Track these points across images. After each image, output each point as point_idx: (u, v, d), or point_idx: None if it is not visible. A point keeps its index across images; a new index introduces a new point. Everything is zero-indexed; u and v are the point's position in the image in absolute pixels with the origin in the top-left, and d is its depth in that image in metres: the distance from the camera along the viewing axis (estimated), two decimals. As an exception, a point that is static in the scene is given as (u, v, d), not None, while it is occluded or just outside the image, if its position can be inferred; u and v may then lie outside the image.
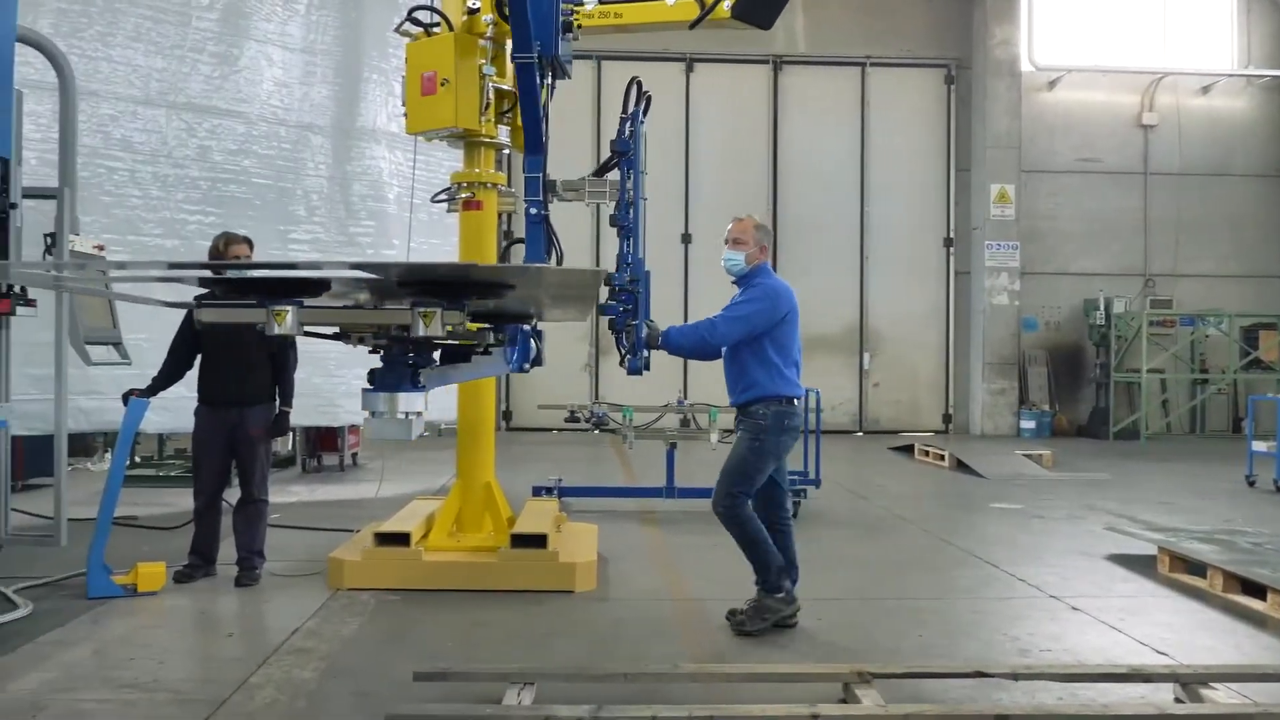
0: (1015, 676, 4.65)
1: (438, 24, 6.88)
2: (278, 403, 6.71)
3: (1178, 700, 4.47)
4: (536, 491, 9.18)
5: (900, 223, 19.37)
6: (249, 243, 6.77)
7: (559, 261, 5.39)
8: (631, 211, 5.92)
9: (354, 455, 13.00)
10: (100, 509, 6.29)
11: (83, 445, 12.16)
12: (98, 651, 5.23)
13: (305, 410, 10.31)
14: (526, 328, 5.16)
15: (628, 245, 5.90)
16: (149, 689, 4.64)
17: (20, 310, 5.30)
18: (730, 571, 6.24)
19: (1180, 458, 15.41)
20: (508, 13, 5.28)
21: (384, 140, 11.27)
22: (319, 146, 10.90)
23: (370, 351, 3.73)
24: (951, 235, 19.45)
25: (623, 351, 5.76)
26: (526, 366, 5.25)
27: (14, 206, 5.50)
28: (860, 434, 18.97)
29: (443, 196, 7.13)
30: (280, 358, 6.63)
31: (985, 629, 5.88)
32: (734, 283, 5.94)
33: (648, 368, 5.91)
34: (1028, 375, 19.25)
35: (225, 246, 6.67)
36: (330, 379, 10.45)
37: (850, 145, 19.34)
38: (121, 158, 9.76)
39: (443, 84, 6.70)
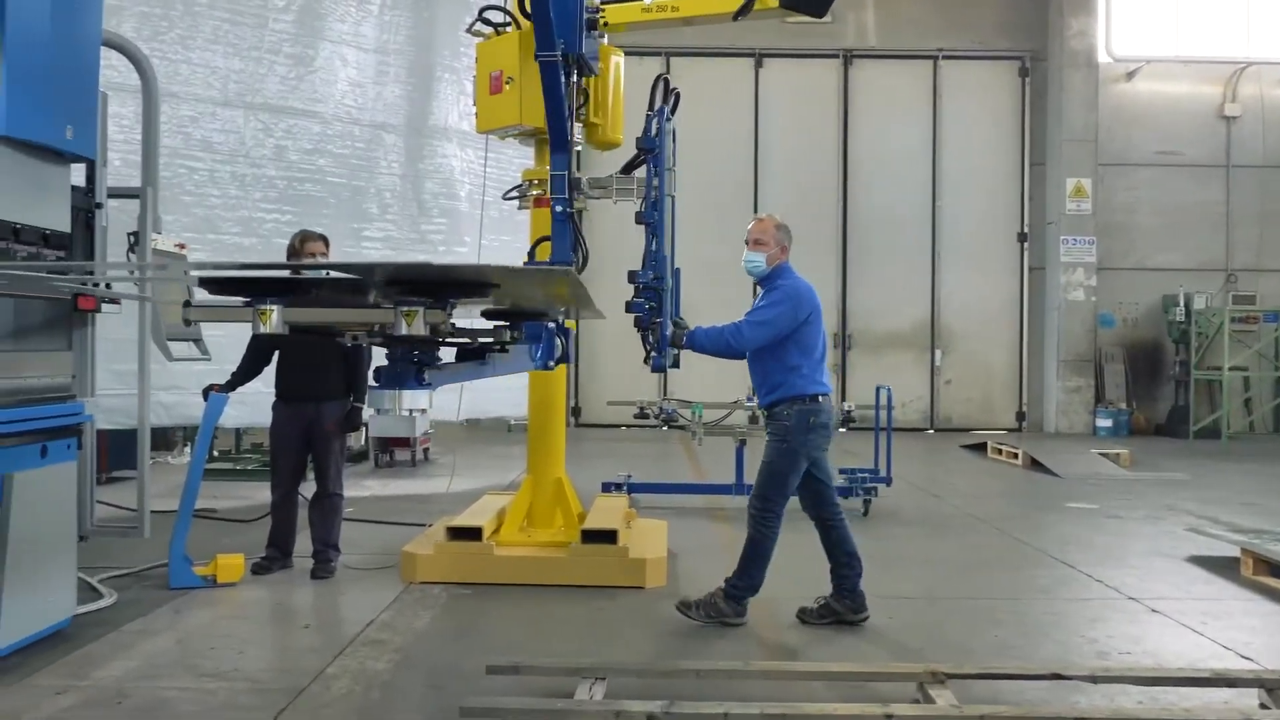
0: (1094, 679, 4.57)
1: (509, 23, 6.94)
2: (351, 399, 6.81)
3: (1263, 706, 4.36)
4: (606, 488, 9.21)
5: (973, 218, 19.09)
6: (324, 240, 6.88)
7: (584, 259, 5.40)
8: (659, 209, 5.83)
9: (425, 451, 13.14)
10: (181, 502, 6.44)
11: (163, 439, 12.43)
12: (179, 641, 5.35)
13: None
14: (550, 325, 5.18)
15: (655, 243, 5.83)
16: (229, 678, 4.74)
17: (105, 308, 5.42)
18: (801, 569, 6.20)
19: (1263, 458, 15.00)
20: (530, 10, 5.25)
21: (455, 138, 11.39)
22: (392, 145, 11.05)
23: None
24: (1026, 230, 19.12)
25: (648, 349, 5.75)
26: (551, 364, 5.27)
27: (100, 206, 5.63)
28: (931, 432, 18.74)
29: (513, 194, 7.18)
30: (353, 355, 6.72)
31: (1062, 630, 5.78)
32: (756, 283, 5.92)
33: (676, 365, 5.89)
34: (1104, 373, 18.86)
35: (301, 244, 6.80)
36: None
37: (922, 139, 19.10)
38: (201, 158, 9.98)
39: (508, 82, 6.80)
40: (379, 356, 7.34)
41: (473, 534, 6.63)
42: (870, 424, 10.39)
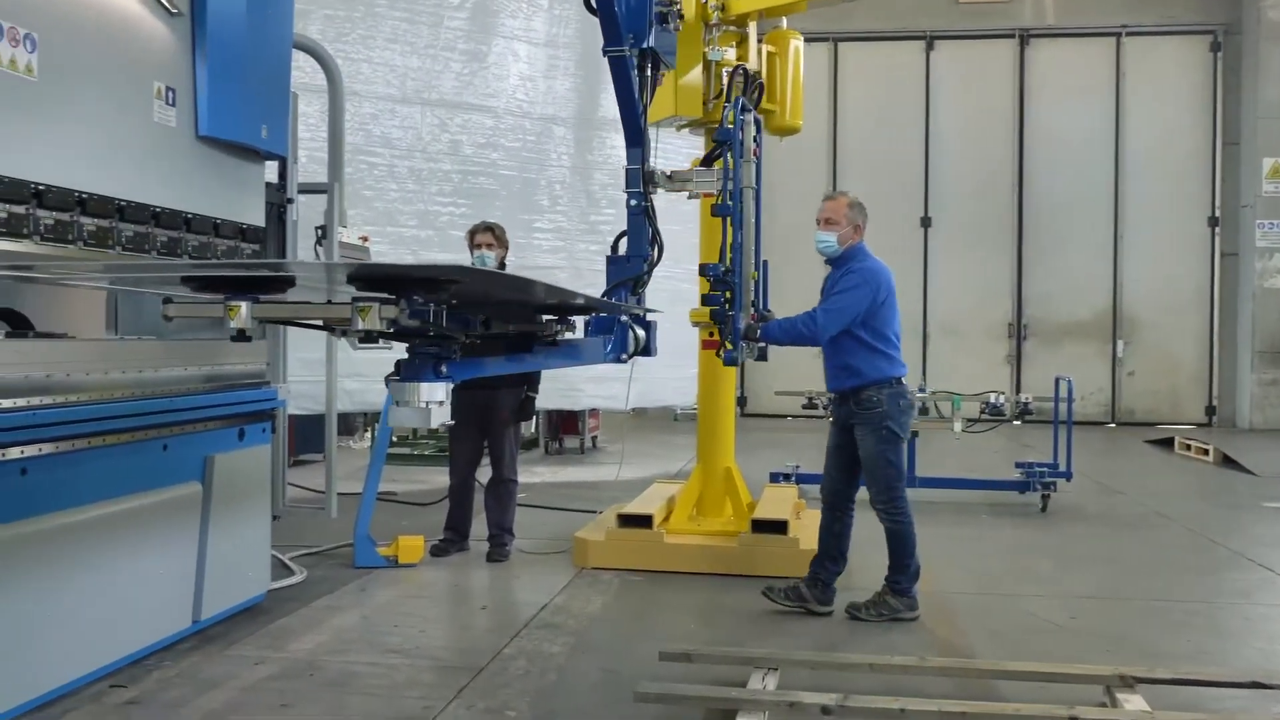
0: (1300, 688, 4.30)
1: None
2: (524, 388, 6.95)
3: None
4: (774, 478, 9.16)
5: (1158, 201, 18.16)
6: (492, 230, 7.02)
7: (660, 253, 5.39)
8: (736, 200, 5.64)
9: (593, 438, 13.34)
10: (365, 485, 6.71)
11: (345, 425, 12.96)
12: (365, 618, 5.57)
13: (548, 394, 10.64)
14: (624, 318, 5.13)
15: (736, 235, 5.64)
16: (411, 655, 4.91)
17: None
18: (975, 564, 6.05)
19: None
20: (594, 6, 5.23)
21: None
22: (561, 138, 11.23)
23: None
24: (1217, 214, 18.09)
25: (723, 342, 5.63)
26: (624, 358, 5.23)
27: (291, 201, 5.91)
28: (1112, 425, 17.95)
29: (683, 183, 7.18)
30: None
31: (1261, 636, 5.47)
32: (827, 263, 5.77)
33: (764, 358, 5.78)
34: (1304, 364, 17.73)
35: (470, 236, 7.02)
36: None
37: (1103, 120, 18.26)
38: (381, 153, 10.35)
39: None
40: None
41: (643, 521, 6.68)
42: (1047, 417, 10.04)
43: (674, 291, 7.82)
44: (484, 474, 7.12)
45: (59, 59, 4.00)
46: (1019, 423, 11.79)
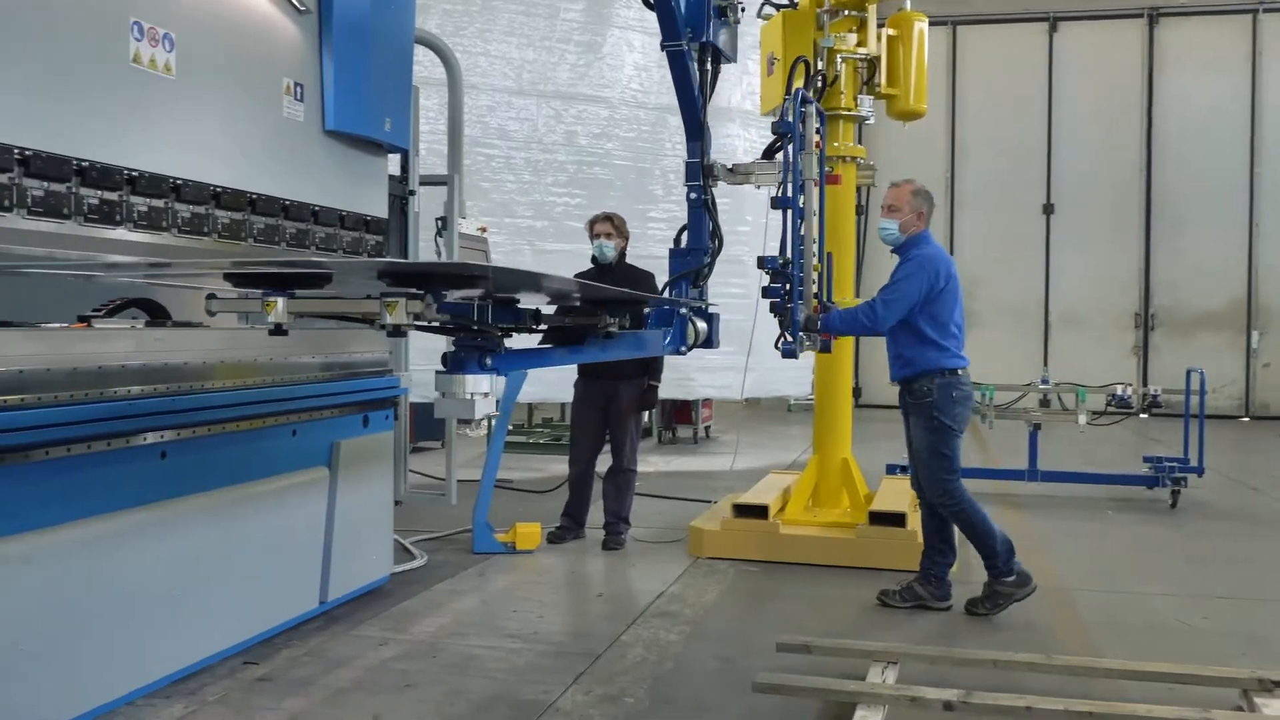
0: None
1: (792, 4, 6.93)
2: (646, 378, 6.98)
3: None
4: (890, 470, 9.03)
5: (1297, 185, 17.36)
6: (611, 220, 7.05)
7: (719, 246, 5.38)
8: (802, 192, 5.63)
9: (707, 428, 13.33)
10: (484, 472, 6.82)
11: (463, 413, 13.16)
12: (484, 602, 5.67)
13: (663, 384, 10.67)
14: (684, 311, 5.14)
15: (800, 225, 5.61)
16: (530, 640, 4.98)
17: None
18: (1099, 560, 5.88)
19: None
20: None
21: (738, 118, 11.42)
22: (676, 127, 11.11)
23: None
24: (1361, 197, 17.23)
25: (782, 333, 5.59)
26: (683, 349, 5.22)
27: (413, 193, 6.03)
28: (1246, 419, 17.23)
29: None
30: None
31: None
32: (892, 252, 5.69)
33: (827, 349, 5.81)
34: None
35: (590, 226, 7.06)
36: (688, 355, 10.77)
37: (1237, 100, 17.48)
38: (498, 145, 10.49)
39: (771, 64, 6.86)
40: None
41: (759, 512, 6.65)
42: (1176, 410, 9.69)
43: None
44: (603, 462, 7.17)
45: (195, 57, 4.14)
46: (1146, 416, 11.43)
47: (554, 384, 7.35)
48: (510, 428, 12.84)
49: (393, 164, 5.85)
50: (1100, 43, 17.97)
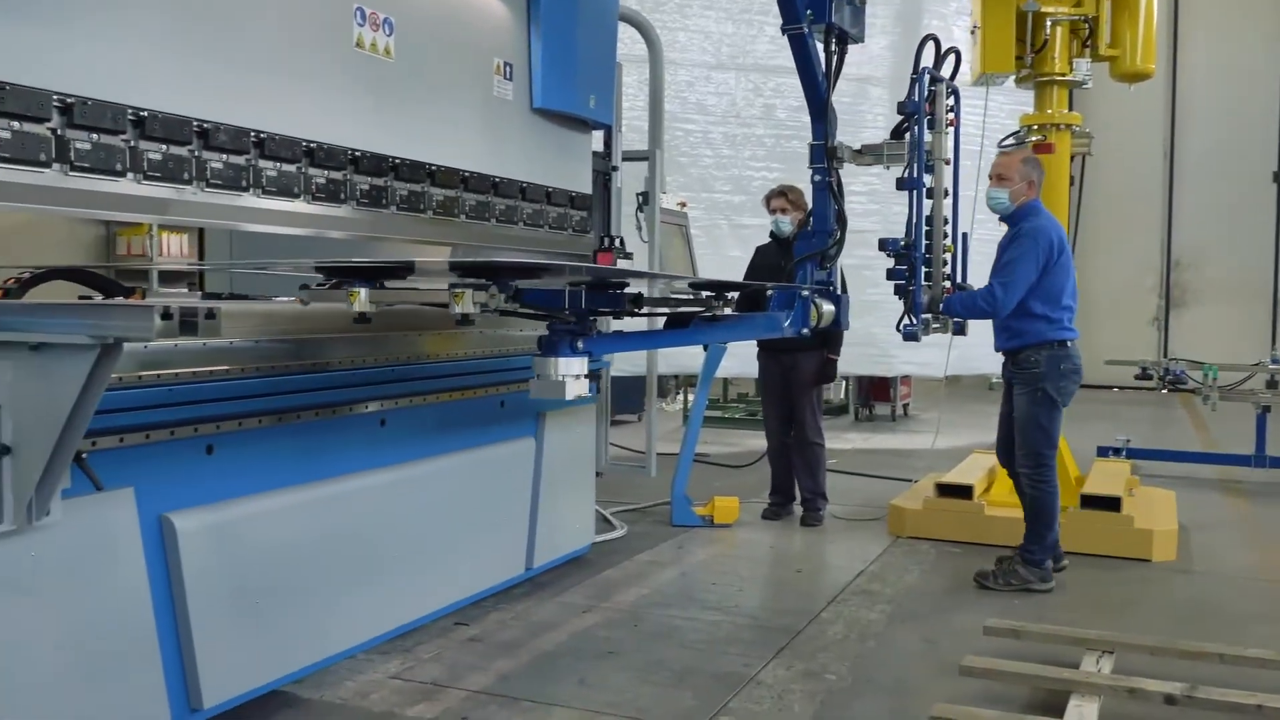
0: None
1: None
2: (825, 351, 6.88)
3: None
4: (1102, 452, 8.65)
5: None
6: (785, 194, 6.96)
7: (843, 227, 5.31)
8: (932, 173, 5.58)
9: (905, 406, 13.06)
10: (683, 445, 6.88)
11: (658, 387, 13.31)
12: (683, 574, 5.73)
13: (860, 359, 10.52)
14: (805, 292, 5.11)
15: (931, 207, 5.59)
16: (730, 613, 5.00)
17: (621, 262, 5.87)
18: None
19: None
20: None
21: (943, 88, 11.06)
22: (877, 99, 10.96)
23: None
24: None
25: (904, 315, 5.61)
26: (805, 331, 5.13)
27: (615, 169, 6.09)
28: None
29: (1010, 140, 6.88)
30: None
31: None
32: (1001, 220, 5.63)
33: (962, 332, 5.85)
34: None
35: (767, 200, 7.05)
36: (888, 329, 10.56)
37: None
38: (696, 120, 10.51)
39: (972, 32, 6.69)
40: (866, 308, 7.47)
41: (963, 492, 6.48)
42: None
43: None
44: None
45: (412, 40, 4.30)
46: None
47: (749, 359, 7.34)
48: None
49: (596, 140, 5.93)
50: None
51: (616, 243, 5.88)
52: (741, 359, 9.19)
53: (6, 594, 2.85)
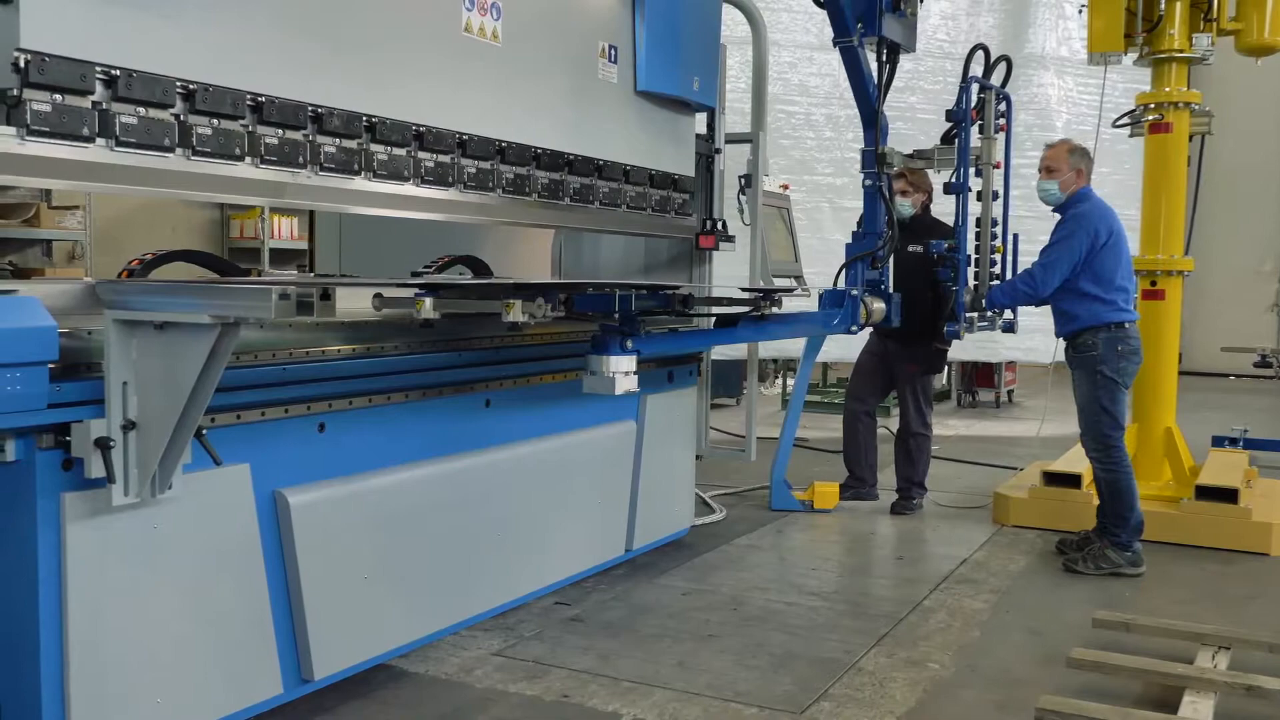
0: None
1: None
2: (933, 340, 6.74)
3: None
4: (1217, 442, 8.37)
5: None
6: (904, 176, 6.76)
7: (894, 231, 5.56)
8: (979, 176, 5.86)
9: (1009, 392, 12.80)
10: (783, 430, 6.84)
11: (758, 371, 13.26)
12: (783, 559, 5.71)
13: (965, 346, 10.30)
14: (855, 292, 5.32)
15: (967, 212, 5.88)
16: (830, 598, 4.98)
17: (723, 246, 5.85)
18: None
19: None
20: None
21: (1052, 66, 10.80)
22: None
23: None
24: None
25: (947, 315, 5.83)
26: (854, 329, 5.31)
27: (718, 151, 6.06)
28: None
29: (1125, 120, 6.68)
30: (939, 297, 6.61)
31: None
32: (1053, 211, 5.74)
33: (1011, 329, 6.08)
34: None
35: None
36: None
37: None
38: (798, 101, 10.41)
39: (1080, 11, 6.59)
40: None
41: (1071, 481, 6.34)
42: None
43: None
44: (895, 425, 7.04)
45: (519, 25, 4.33)
46: None
47: (850, 344, 7.24)
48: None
49: (699, 123, 5.91)
50: None
51: (719, 226, 5.86)
52: (843, 344, 9.09)
53: (132, 564, 2.97)
